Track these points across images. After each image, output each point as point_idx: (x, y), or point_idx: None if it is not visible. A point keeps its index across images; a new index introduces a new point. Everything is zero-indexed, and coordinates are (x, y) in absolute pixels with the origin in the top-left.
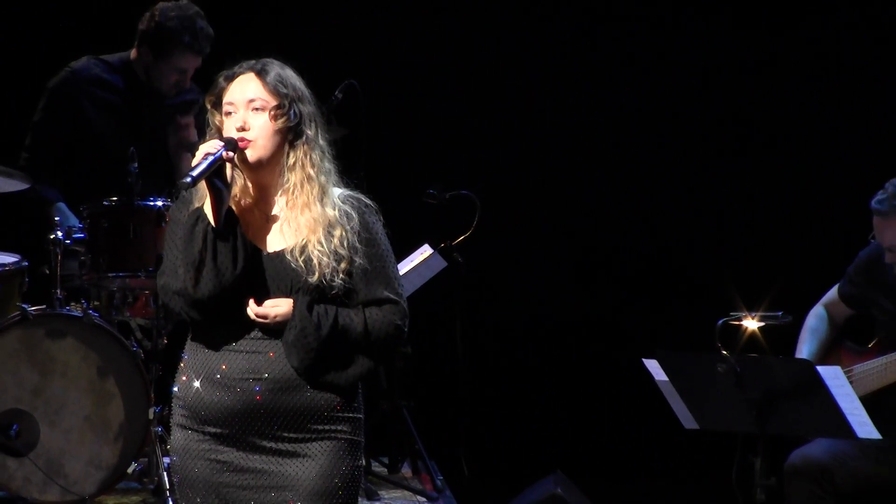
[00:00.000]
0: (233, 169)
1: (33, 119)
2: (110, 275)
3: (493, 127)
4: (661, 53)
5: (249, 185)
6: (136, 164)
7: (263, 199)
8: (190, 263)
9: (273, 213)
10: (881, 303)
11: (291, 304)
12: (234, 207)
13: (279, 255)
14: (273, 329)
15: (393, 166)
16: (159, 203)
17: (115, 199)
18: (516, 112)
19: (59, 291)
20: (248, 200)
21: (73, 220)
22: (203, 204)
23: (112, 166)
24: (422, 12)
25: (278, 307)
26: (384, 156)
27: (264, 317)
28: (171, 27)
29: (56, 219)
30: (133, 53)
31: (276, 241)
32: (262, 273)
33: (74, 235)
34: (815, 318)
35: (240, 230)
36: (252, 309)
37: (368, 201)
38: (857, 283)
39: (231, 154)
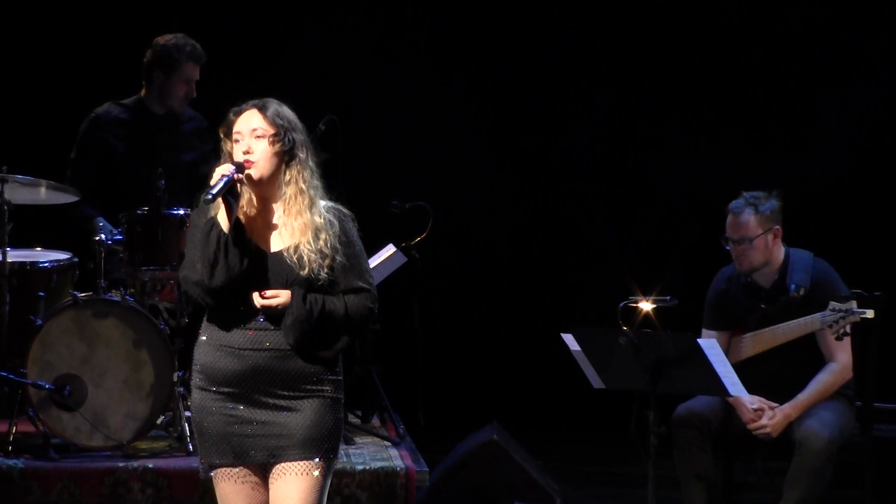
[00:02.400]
0: (241, 185)
1: (71, 156)
2: (143, 268)
3: (442, 154)
4: (565, 81)
5: (254, 197)
6: (163, 182)
7: (265, 209)
8: (206, 261)
9: (272, 220)
10: (741, 306)
11: (289, 295)
12: (241, 216)
13: (278, 254)
14: (273, 312)
15: (365, 183)
16: (181, 212)
17: (146, 208)
18: (458, 142)
19: (102, 281)
20: (253, 210)
21: (110, 229)
22: (217, 213)
23: (135, 183)
24: (387, 63)
25: (279, 297)
26: (358, 175)
27: (268, 305)
28: (173, 45)
29: (100, 225)
30: (143, 92)
31: (275, 242)
32: (265, 268)
33: (114, 237)
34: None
35: (245, 234)
36: (258, 301)
37: (347, 211)
38: (716, 316)
39: (240, 175)
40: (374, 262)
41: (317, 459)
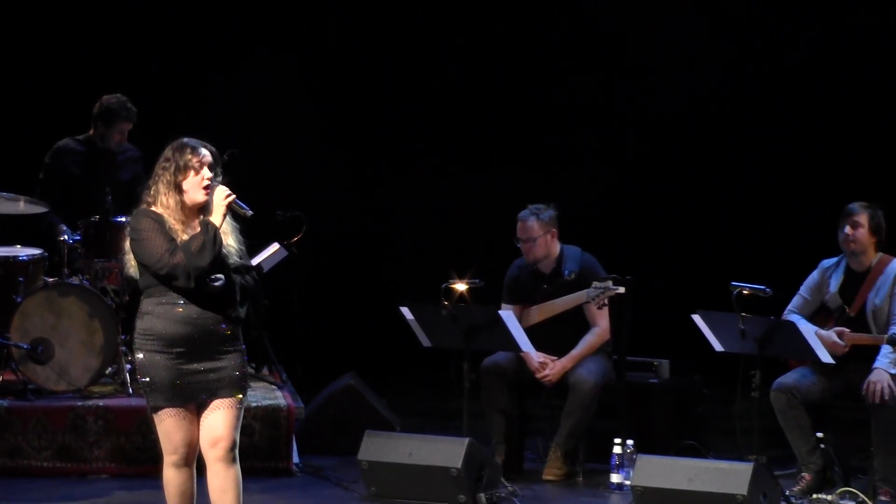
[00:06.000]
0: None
1: (39, 177)
2: (95, 260)
3: (311, 175)
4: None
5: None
6: (110, 198)
7: (199, 216)
8: (210, 254)
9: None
10: (529, 286)
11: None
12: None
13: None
14: (216, 289)
15: (258, 198)
16: (123, 219)
17: (97, 217)
18: (323, 167)
19: (66, 270)
20: (195, 217)
21: (70, 233)
22: (211, 219)
23: (86, 198)
24: (269, 111)
25: (222, 278)
26: (254, 192)
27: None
28: (114, 108)
29: (63, 230)
30: (91, 131)
31: None
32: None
33: (74, 238)
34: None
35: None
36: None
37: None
38: (511, 294)
39: (233, 195)
40: (262, 256)
41: (239, 395)
